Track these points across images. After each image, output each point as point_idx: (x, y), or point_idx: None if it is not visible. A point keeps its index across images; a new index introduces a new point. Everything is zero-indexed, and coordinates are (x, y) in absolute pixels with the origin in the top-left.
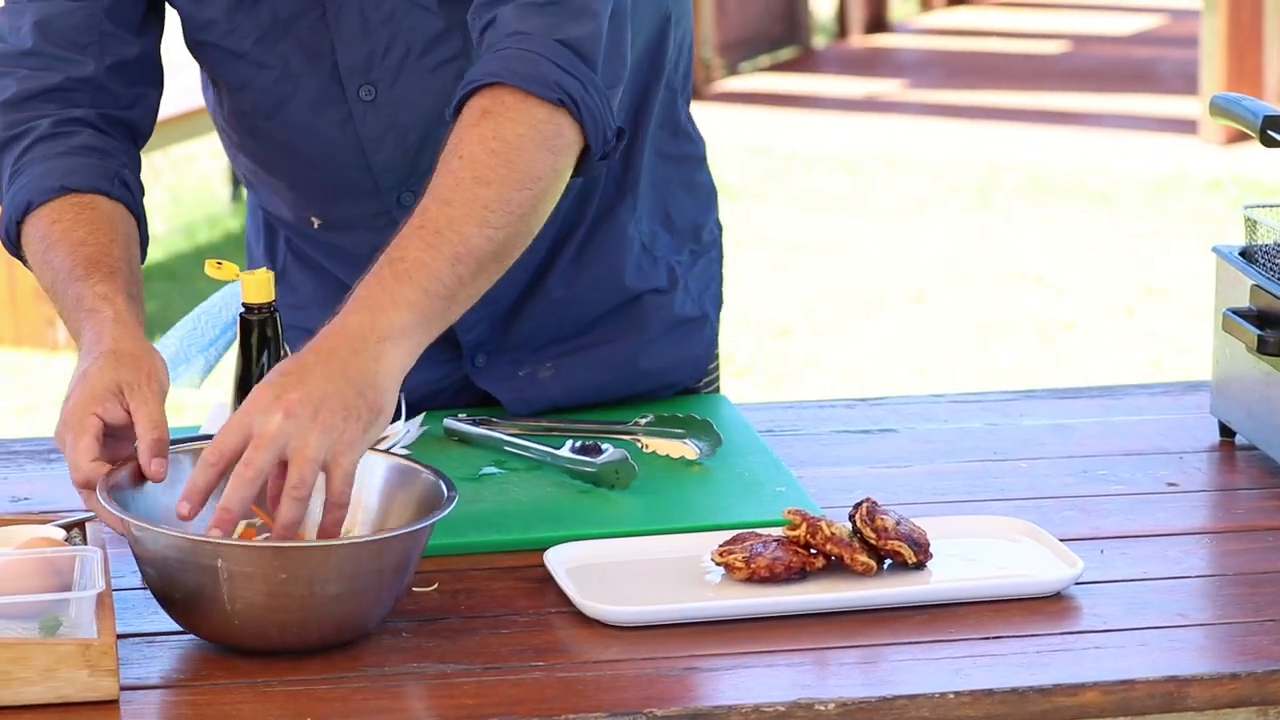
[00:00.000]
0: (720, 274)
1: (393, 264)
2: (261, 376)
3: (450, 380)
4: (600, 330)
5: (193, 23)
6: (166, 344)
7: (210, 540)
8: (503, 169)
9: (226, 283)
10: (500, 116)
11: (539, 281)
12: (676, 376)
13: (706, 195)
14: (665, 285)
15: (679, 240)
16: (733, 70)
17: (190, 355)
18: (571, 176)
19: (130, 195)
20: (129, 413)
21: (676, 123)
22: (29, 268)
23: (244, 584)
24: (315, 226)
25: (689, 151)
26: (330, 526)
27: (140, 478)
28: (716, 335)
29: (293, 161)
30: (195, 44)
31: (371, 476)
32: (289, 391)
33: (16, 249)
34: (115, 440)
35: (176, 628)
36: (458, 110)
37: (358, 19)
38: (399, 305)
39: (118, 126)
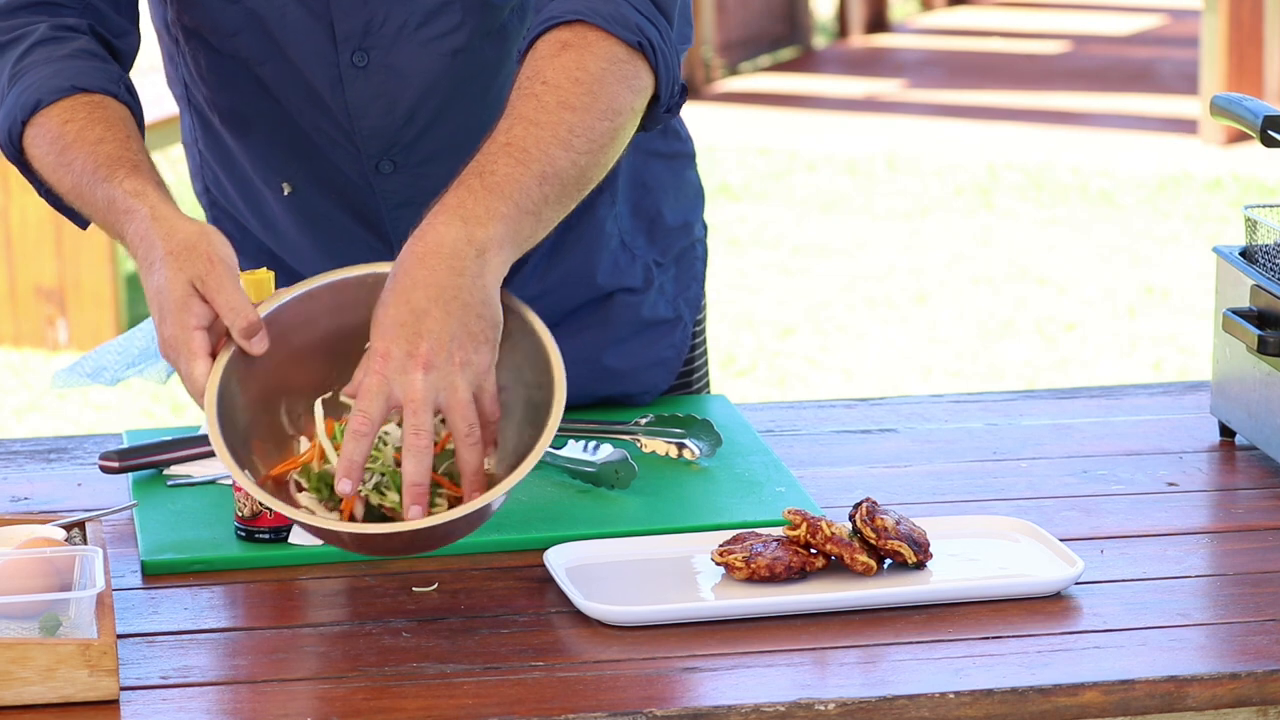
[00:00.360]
0: (702, 275)
1: (482, 176)
2: None
3: None
4: (565, 326)
5: None
6: (136, 338)
7: (299, 522)
8: (586, 97)
9: None
10: (583, 50)
11: (511, 274)
12: (646, 380)
13: (695, 193)
14: (639, 285)
15: (666, 238)
16: (733, 70)
17: (156, 354)
18: (637, 129)
19: (135, 102)
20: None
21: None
22: (30, 174)
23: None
24: (286, 193)
25: (678, 149)
26: (489, 438)
27: (246, 354)
28: (689, 339)
29: (275, 113)
30: None
31: None
32: (418, 344)
33: (18, 153)
34: (217, 330)
35: (176, 627)
36: (531, 44)
37: None
38: (493, 217)
39: (107, 47)
